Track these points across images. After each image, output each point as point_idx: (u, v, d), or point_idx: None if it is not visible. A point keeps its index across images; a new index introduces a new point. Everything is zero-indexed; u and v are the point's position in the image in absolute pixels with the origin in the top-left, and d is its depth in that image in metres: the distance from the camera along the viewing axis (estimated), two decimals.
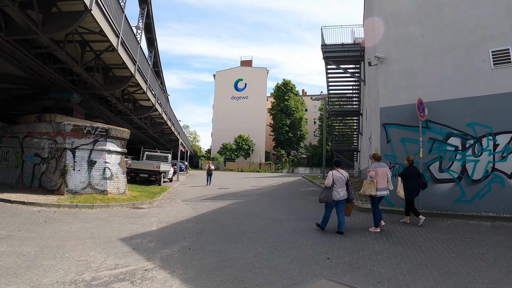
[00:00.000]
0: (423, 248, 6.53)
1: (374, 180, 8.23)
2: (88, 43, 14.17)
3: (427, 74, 10.94)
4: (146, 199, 14.06)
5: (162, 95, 28.12)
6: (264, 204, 13.41)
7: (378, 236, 7.51)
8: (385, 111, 11.23)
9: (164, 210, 11.53)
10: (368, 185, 8.33)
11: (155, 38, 43.19)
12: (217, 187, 21.98)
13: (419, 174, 8.91)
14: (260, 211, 11.33)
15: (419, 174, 8.91)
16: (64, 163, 13.61)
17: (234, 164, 64.89)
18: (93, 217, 9.64)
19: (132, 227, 8.52)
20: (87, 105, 20.55)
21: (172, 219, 9.63)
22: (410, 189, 8.81)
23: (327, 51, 19.66)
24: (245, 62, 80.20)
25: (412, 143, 10.67)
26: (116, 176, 14.37)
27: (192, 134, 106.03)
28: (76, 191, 13.38)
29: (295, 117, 69.69)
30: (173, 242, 6.99)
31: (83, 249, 6.27)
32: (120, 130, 14.95)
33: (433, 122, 10.62)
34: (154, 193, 16.04)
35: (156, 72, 51.86)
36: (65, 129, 13.92)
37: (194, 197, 15.80)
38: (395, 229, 8.33)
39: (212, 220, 9.57)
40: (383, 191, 8.33)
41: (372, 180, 8.25)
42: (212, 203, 13.37)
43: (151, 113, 27.41)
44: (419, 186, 8.82)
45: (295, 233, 7.78)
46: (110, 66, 16.71)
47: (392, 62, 11.44)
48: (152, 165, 20.49)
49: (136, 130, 31.17)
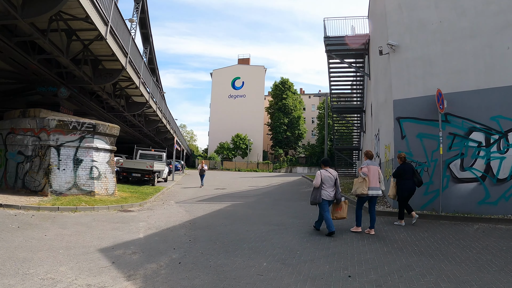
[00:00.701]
0: (458, 260, 5.49)
1: (366, 178, 7.59)
2: (75, 32, 13.10)
3: (445, 63, 9.90)
4: (137, 200, 12.97)
5: (157, 91, 26.99)
6: (265, 206, 12.32)
7: (401, 246, 6.44)
8: (399, 104, 10.17)
9: (155, 213, 10.43)
10: (360, 183, 7.66)
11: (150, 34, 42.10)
12: (214, 187, 20.86)
13: (413, 171, 8.39)
14: (261, 215, 10.23)
15: (414, 172, 8.38)
16: (48, 161, 12.51)
17: (232, 164, 63.75)
18: (74, 222, 8.55)
19: (116, 234, 7.43)
20: (77, 100, 19.43)
21: (163, 224, 8.54)
22: (404, 188, 8.31)
23: (330, 43, 18.58)
24: (242, 60, 79.01)
25: (430, 139, 9.64)
26: (104, 176, 13.27)
27: (189, 134, 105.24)
28: (60, 192, 12.27)
29: (293, 115, 68.62)
30: (161, 253, 5.91)
31: (53, 263, 5.20)
32: (108, 126, 13.83)
33: (453, 116, 9.59)
34: (147, 194, 14.96)
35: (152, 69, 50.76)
36: (49, 125, 12.81)
37: (189, 198, 14.70)
38: (418, 236, 7.27)
39: (207, 225, 8.47)
40: (375, 191, 7.67)
41: (364, 177, 7.60)
42: (208, 206, 12.28)
43: (145, 110, 26.28)
44: (414, 184, 8.28)
45: (304, 242, 6.70)
46: (100, 58, 15.61)
47: (406, 50, 10.39)
48: (145, 164, 19.39)
49: (130, 128, 30.05)
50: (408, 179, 8.27)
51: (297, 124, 69.28)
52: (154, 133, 35.68)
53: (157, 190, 16.97)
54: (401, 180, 8.38)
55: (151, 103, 23.84)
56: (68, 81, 16.30)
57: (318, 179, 7.37)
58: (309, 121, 79.04)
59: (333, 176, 7.48)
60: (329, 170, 7.56)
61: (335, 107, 22.96)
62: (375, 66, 15.67)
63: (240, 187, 21.19)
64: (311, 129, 77.34)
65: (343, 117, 24.56)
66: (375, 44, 15.55)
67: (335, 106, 22.84)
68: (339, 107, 23.16)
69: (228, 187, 20.87)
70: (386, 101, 11.66)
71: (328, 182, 7.40)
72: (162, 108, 29.61)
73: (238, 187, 21.54)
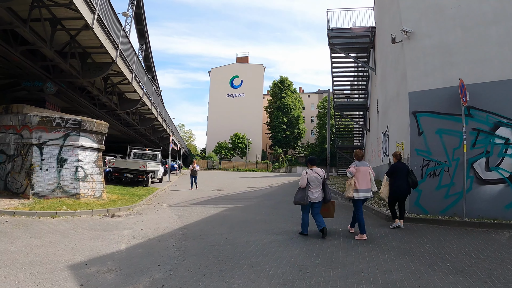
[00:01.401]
0: (504, 280, 4.48)
1: (353, 179, 7.23)
2: (60, 21, 12.11)
3: (466, 51, 8.88)
4: (126, 203, 11.93)
5: (152, 88, 25.91)
6: (265, 211, 11.23)
7: (431, 261, 5.38)
8: (416, 97, 9.13)
9: (144, 218, 9.39)
10: (349, 185, 7.29)
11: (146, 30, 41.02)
12: (211, 188, 19.79)
13: (408, 171, 7.87)
14: (262, 220, 9.16)
15: (408, 171, 7.87)
16: (30, 161, 11.48)
17: (230, 163, 62.67)
18: (50, 230, 7.52)
19: (95, 244, 6.40)
20: (66, 97, 18.37)
21: (150, 233, 7.49)
22: (396, 188, 7.82)
23: (333, 36, 17.57)
24: (241, 58, 77.91)
25: (450, 135, 8.61)
26: (91, 177, 12.22)
27: (188, 133, 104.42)
28: (43, 194, 11.26)
29: (293, 115, 67.54)
30: (142, 272, 4.87)
31: (9, 286, 4.21)
32: (96, 123, 12.77)
33: (477, 109, 8.56)
34: (138, 196, 13.91)
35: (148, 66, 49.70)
36: (32, 121, 11.79)
37: (183, 200, 13.64)
38: (446, 247, 6.24)
39: (201, 234, 7.41)
40: (365, 193, 7.22)
41: (351, 177, 7.27)
42: (203, 209, 11.21)
43: (140, 108, 25.22)
44: (408, 184, 7.75)
45: (313, 257, 5.64)
46: (88, 50, 14.58)
47: (422, 37, 9.36)
48: (138, 164, 18.33)
49: (125, 127, 28.96)
50: (401, 179, 7.75)
51: (297, 123, 68.19)
52: (150, 132, 34.60)
53: (150, 192, 15.94)
54: (394, 180, 7.87)
55: (145, 100, 22.76)
56: (55, 76, 15.29)
57: (304, 180, 7.08)
58: (308, 121, 78.01)
59: (320, 176, 7.17)
60: (315, 170, 7.23)
61: (338, 104, 21.91)
62: (382, 59, 14.66)
63: (238, 188, 20.10)
64: (310, 129, 76.37)
65: (346, 115, 23.52)
66: (382, 36, 14.55)
67: (338, 103, 21.79)
68: (341, 104, 22.09)
69: (226, 188, 19.79)
70: (399, 94, 10.65)
71: (314, 183, 7.11)
72: (158, 106, 28.53)
73: (237, 188, 20.46)
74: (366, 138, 23.48)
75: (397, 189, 7.78)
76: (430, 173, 8.63)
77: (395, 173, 7.87)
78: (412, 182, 7.73)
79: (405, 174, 7.76)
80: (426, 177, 8.70)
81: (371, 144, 20.32)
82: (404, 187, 7.74)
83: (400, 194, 7.81)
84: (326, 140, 62.25)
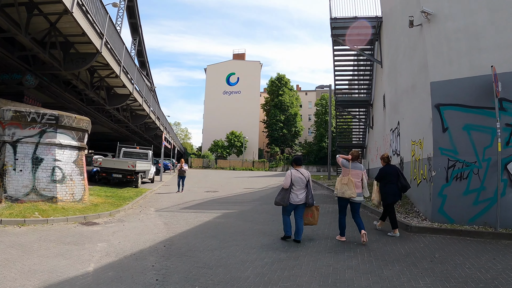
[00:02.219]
0: None
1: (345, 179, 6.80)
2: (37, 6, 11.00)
3: (496, 35, 7.69)
4: (109, 208, 10.72)
5: (144, 83, 24.62)
6: (264, 218, 9.87)
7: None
8: (439, 87, 7.92)
9: (125, 227, 8.16)
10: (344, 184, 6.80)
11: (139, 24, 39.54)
12: (204, 189, 18.54)
13: (398, 174, 7.40)
14: (261, 231, 7.87)
15: (399, 175, 7.39)
16: (3, 161, 10.23)
17: (226, 162, 61.37)
18: (11, 243, 6.30)
19: (58, 264, 5.20)
20: (49, 91, 17.11)
21: (129, 247, 6.26)
22: (386, 193, 7.37)
23: (336, 26, 16.37)
24: (237, 55, 76.52)
25: (480, 132, 7.43)
26: (70, 178, 10.96)
27: (184, 132, 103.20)
28: (17, 198, 10.02)
29: (290, 112, 66.26)
30: None
31: None
32: (76, 118, 11.50)
33: (510, 102, 7.40)
34: (124, 199, 12.69)
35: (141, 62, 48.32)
36: (4, 117, 10.50)
37: (173, 204, 12.39)
38: (489, 268, 5.05)
39: (187, 249, 6.15)
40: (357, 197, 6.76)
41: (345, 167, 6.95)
42: (194, 215, 9.95)
43: (130, 104, 23.98)
44: (399, 188, 7.30)
45: (329, 286, 4.46)
46: (70, 38, 13.40)
47: (445, 20, 8.16)
48: (127, 164, 17.06)
49: (116, 124, 27.72)
50: (392, 183, 7.31)
51: (294, 121, 66.94)
52: (143, 130, 33.30)
53: (138, 194, 14.72)
54: (385, 184, 7.44)
55: (136, 96, 21.48)
56: (36, 67, 14.09)
57: (288, 180, 6.78)
58: (305, 119, 76.85)
59: (304, 177, 6.86)
60: (300, 171, 6.92)
61: (339, 100, 20.70)
62: (391, 49, 13.49)
63: (234, 190, 18.82)
64: (307, 127, 75.22)
65: (349, 112, 22.32)
66: (392, 24, 13.38)
67: (340, 99, 20.59)
68: (343, 100, 20.88)
69: (221, 190, 18.52)
70: (415, 86, 9.48)
71: (298, 184, 6.81)
72: (150, 103, 27.24)
73: (232, 189, 19.16)
74: (369, 136, 22.34)
75: (387, 194, 7.33)
76: (456, 176, 7.45)
77: (384, 177, 7.44)
78: (401, 186, 7.24)
79: (394, 177, 7.32)
80: (451, 180, 7.52)
81: (375, 142, 19.17)
82: (394, 191, 7.28)
83: (393, 198, 7.32)
84: (324, 139, 61.74)
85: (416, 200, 9.47)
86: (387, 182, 7.37)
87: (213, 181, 24.73)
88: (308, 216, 6.99)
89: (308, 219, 6.99)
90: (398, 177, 7.32)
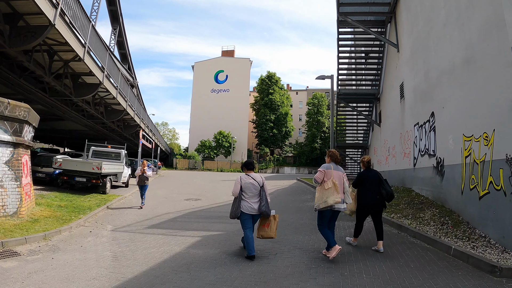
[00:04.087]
0: None
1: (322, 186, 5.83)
2: None
3: None
4: (52, 226, 7.86)
5: (119, 73, 21.58)
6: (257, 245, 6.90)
7: None
8: None
9: (53, 262, 5.32)
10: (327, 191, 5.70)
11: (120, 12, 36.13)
12: (185, 196, 15.58)
13: (380, 180, 6.56)
14: (253, 276, 5.12)
15: (381, 180, 6.55)
16: None
17: (214, 163, 58.31)
18: None
19: None
20: (2, 78, 14.13)
21: None
22: (364, 200, 6.50)
23: (344, 2, 13.76)
24: (226, 52, 73.53)
25: None
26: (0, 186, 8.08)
27: (171, 132, 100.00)
28: None
29: (280, 112, 63.63)
30: None
31: None
32: (9, 104, 8.60)
33: None
34: (80, 210, 9.83)
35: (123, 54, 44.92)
36: None
37: (139, 219, 9.50)
38: None
39: None
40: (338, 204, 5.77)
41: (318, 185, 5.93)
42: (161, 241, 7.05)
43: (104, 97, 20.96)
44: (382, 197, 6.42)
45: None
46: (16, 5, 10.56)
47: None
48: (91, 166, 14.10)
49: (90, 121, 24.61)
50: (370, 191, 6.47)
51: (284, 121, 64.33)
52: (121, 128, 30.18)
53: (102, 203, 11.84)
54: (363, 191, 6.58)
55: (108, 86, 18.47)
56: None
57: (237, 187, 6.05)
58: (296, 119, 74.42)
59: (257, 183, 6.08)
60: (252, 175, 6.16)
61: (343, 93, 18.05)
62: (419, 24, 10.93)
63: (220, 197, 15.59)
64: (298, 127, 72.76)
65: (354, 107, 19.70)
66: None
67: (343, 91, 17.93)
68: (346, 93, 18.21)
69: (204, 197, 15.51)
70: (473, 60, 6.89)
71: (250, 191, 6.02)
72: (128, 96, 24.21)
73: (218, 196, 15.99)
74: (373, 135, 19.76)
75: (366, 201, 6.46)
76: None
77: (363, 183, 6.58)
78: (386, 193, 6.42)
79: (376, 184, 6.51)
80: None
81: (384, 141, 16.60)
82: (374, 199, 6.43)
83: (371, 208, 6.49)
84: (316, 140, 59.31)
85: (478, 219, 6.83)
86: (366, 189, 6.52)
87: (196, 186, 21.70)
88: (265, 226, 6.17)
89: (264, 230, 6.15)
90: (379, 184, 6.50)
